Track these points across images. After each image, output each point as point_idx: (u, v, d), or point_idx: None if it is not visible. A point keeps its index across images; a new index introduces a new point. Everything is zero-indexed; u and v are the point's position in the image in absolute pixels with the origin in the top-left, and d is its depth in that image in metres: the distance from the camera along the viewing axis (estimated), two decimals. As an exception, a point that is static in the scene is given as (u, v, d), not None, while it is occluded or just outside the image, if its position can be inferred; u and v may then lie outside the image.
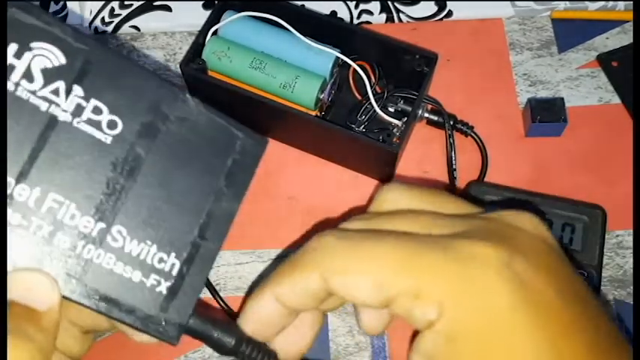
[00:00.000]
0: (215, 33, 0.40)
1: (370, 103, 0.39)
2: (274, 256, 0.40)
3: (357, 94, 0.41)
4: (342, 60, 0.40)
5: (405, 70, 0.40)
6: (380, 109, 0.39)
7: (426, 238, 0.23)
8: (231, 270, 0.40)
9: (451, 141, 0.40)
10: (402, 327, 0.39)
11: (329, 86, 0.40)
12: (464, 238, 0.22)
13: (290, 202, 0.41)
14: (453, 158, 0.40)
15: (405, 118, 0.39)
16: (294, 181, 0.41)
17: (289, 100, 0.39)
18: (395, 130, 0.39)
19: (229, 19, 0.40)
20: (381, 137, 0.39)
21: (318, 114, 0.40)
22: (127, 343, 0.39)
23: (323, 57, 0.39)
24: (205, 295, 0.39)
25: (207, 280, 0.39)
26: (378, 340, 0.39)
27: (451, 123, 0.41)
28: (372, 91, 0.39)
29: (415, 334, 0.23)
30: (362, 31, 0.41)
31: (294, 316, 0.25)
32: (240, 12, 0.40)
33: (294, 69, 0.39)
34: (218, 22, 0.40)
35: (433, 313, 0.21)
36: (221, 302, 0.39)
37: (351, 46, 0.40)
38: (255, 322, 0.25)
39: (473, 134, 0.41)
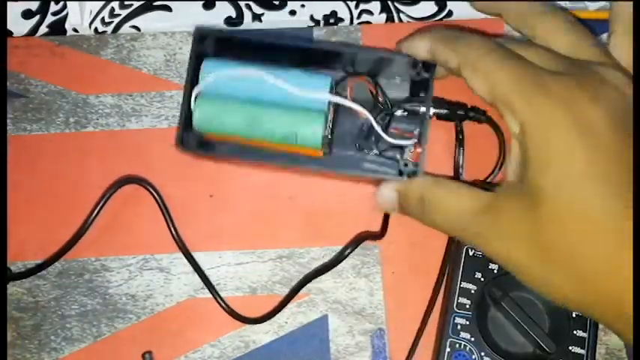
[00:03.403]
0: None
1: (376, 125, 0.37)
2: (274, 256, 0.40)
3: (360, 114, 0.37)
4: (337, 81, 0.37)
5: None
6: (387, 128, 0.37)
7: (537, 69, 0.31)
8: (232, 270, 0.40)
9: (460, 137, 0.39)
10: (402, 327, 0.39)
11: (331, 116, 0.37)
12: (562, 81, 0.30)
13: (290, 202, 0.41)
14: (461, 161, 0.39)
15: (417, 130, 0.37)
16: (294, 181, 0.41)
17: (294, 146, 0.37)
18: (409, 141, 0.37)
19: (207, 79, 0.36)
20: (397, 155, 0.37)
21: (326, 150, 0.37)
22: (127, 344, 0.39)
23: (317, 89, 0.36)
24: (206, 295, 0.39)
25: (208, 280, 0.39)
26: (379, 340, 0.39)
27: (462, 113, 0.39)
28: (375, 116, 0.37)
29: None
30: (350, 50, 0.38)
31: None
32: (215, 55, 0.37)
33: (293, 116, 0.36)
34: (198, 74, 0.37)
35: (516, 128, 0.30)
36: (221, 302, 0.39)
37: (343, 66, 0.38)
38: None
39: (487, 119, 0.39)
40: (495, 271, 0.37)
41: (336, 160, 0.38)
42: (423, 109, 0.37)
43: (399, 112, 0.38)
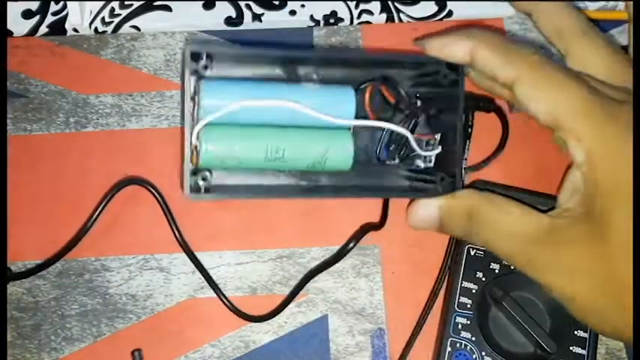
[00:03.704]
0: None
1: (414, 144, 0.34)
2: (274, 256, 0.40)
3: (403, 130, 0.34)
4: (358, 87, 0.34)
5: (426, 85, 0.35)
6: (412, 131, 0.34)
7: (602, 94, 0.29)
8: (232, 270, 0.40)
9: (470, 130, 0.37)
10: (402, 327, 0.39)
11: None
12: (628, 111, 0.29)
13: (290, 202, 0.41)
14: (466, 154, 0.37)
15: (438, 136, 0.34)
16: (295, 181, 0.41)
17: (320, 172, 0.34)
18: (437, 149, 0.34)
19: (213, 114, 0.30)
20: (418, 162, 0.35)
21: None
22: (127, 344, 0.39)
23: (343, 110, 0.33)
24: (206, 295, 0.39)
25: (212, 279, 0.39)
26: (379, 340, 0.39)
27: (473, 104, 0.37)
28: (403, 120, 0.34)
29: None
30: (366, 56, 0.36)
31: None
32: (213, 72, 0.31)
33: (319, 142, 0.32)
34: (196, 98, 0.31)
35: (581, 156, 0.29)
36: (225, 301, 0.39)
37: (357, 70, 0.35)
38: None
39: (495, 108, 0.38)
40: (497, 271, 0.37)
41: (362, 178, 0.35)
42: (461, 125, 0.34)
43: (425, 126, 0.35)
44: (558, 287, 0.30)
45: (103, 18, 0.43)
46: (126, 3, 0.43)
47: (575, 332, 0.36)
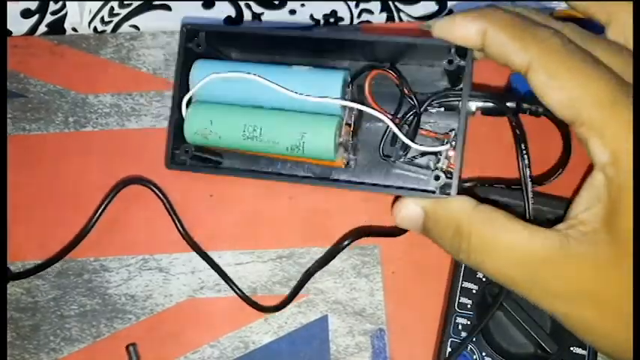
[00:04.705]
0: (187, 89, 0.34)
1: (397, 132, 0.31)
2: (274, 256, 0.40)
3: (381, 115, 0.32)
4: (352, 75, 0.33)
5: (428, 73, 0.33)
6: (416, 129, 0.31)
7: (630, 85, 0.25)
8: (232, 270, 0.40)
9: (519, 132, 0.30)
10: (402, 327, 0.39)
11: (351, 118, 0.33)
12: None
13: (290, 202, 0.41)
14: (526, 160, 0.30)
15: (452, 132, 0.31)
16: (294, 180, 0.41)
17: (302, 158, 0.33)
18: (443, 146, 0.31)
19: (199, 83, 0.33)
20: (431, 163, 0.32)
21: (349, 158, 0.33)
22: (127, 345, 0.39)
23: (327, 91, 0.31)
24: (206, 295, 0.39)
25: (223, 272, 0.39)
26: (379, 340, 0.39)
27: (513, 106, 0.31)
28: (402, 115, 0.32)
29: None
30: (365, 38, 0.33)
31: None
32: (208, 55, 0.34)
33: (297, 124, 0.32)
34: (187, 78, 0.33)
35: (604, 157, 0.24)
36: (238, 291, 0.39)
37: (358, 55, 0.34)
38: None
39: (545, 111, 0.31)
40: (496, 271, 0.37)
41: (359, 173, 0.34)
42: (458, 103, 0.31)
43: (432, 109, 0.32)
44: (573, 316, 0.26)
45: (102, 17, 0.43)
46: (125, 2, 0.43)
47: (576, 333, 0.36)
